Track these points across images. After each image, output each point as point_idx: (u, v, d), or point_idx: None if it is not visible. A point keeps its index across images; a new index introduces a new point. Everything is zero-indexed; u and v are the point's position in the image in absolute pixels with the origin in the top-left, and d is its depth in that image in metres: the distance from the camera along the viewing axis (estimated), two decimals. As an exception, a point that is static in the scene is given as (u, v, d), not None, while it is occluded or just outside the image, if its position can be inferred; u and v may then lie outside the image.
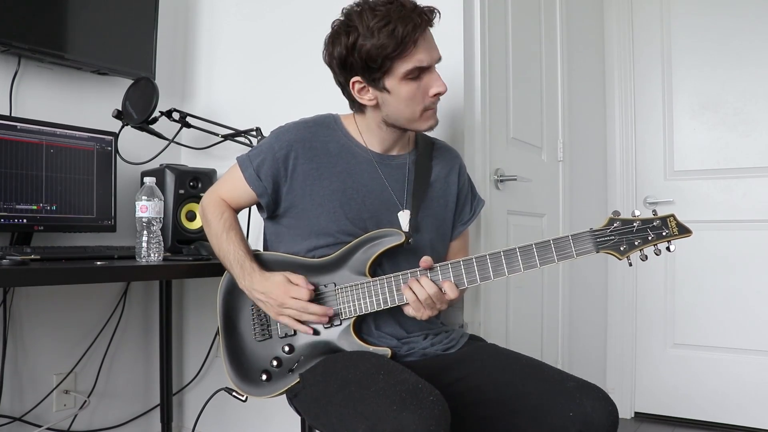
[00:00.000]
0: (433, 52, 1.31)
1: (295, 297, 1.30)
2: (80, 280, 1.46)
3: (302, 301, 1.30)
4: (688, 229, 1.19)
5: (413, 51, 1.27)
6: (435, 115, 1.38)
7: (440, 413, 1.04)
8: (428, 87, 1.31)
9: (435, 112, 1.37)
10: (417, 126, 1.37)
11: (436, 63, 1.32)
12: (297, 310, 1.31)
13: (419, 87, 1.31)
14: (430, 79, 1.31)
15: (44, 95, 2.02)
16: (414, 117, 1.35)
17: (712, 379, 2.74)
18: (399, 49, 1.25)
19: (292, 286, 1.31)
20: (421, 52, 1.28)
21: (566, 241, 1.21)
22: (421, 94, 1.32)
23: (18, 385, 1.96)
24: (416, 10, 1.27)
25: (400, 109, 1.33)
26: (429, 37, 1.30)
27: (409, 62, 1.27)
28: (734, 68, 2.74)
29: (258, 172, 1.40)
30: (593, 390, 1.18)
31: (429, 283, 1.25)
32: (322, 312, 1.31)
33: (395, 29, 1.24)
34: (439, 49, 1.34)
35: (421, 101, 1.32)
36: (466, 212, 1.54)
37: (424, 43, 1.28)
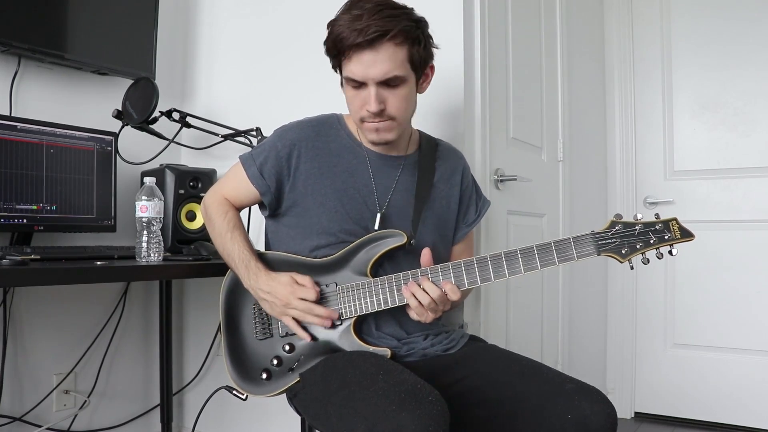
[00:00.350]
0: (371, 70, 1.25)
1: (302, 297, 1.30)
2: (80, 280, 1.46)
3: (308, 302, 1.30)
4: (691, 233, 1.19)
5: (346, 61, 1.27)
6: (377, 131, 1.34)
7: (439, 413, 1.04)
8: (364, 101, 1.30)
9: (376, 128, 1.33)
10: (364, 134, 1.39)
11: (377, 80, 1.27)
12: (302, 311, 1.31)
13: (358, 96, 1.31)
14: (366, 94, 1.29)
15: (44, 95, 2.02)
16: (357, 123, 1.37)
17: (712, 379, 2.74)
18: (334, 53, 1.29)
19: (299, 286, 1.31)
20: (355, 65, 1.26)
21: (567, 244, 1.21)
22: (359, 104, 1.31)
23: (18, 385, 1.96)
24: (363, 25, 1.23)
25: (348, 109, 1.36)
26: (373, 53, 1.24)
27: (345, 69, 1.29)
28: (734, 68, 2.74)
29: (261, 171, 1.40)
30: (592, 393, 1.17)
31: (431, 287, 1.25)
32: (327, 314, 1.31)
33: (341, 32, 1.25)
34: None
35: (358, 111, 1.33)
36: (471, 213, 1.54)
37: (361, 58, 1.25)
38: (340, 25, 1.26)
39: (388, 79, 1.27)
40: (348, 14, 1.26)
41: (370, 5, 1.25)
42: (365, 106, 1.30)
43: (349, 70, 1.28)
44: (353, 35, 1.23)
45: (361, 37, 1.23)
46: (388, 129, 1.34)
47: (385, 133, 1.35)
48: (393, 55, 1.26)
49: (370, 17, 1.23)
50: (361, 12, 1.24)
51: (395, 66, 1.27)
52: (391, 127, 1.34)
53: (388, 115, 1.32)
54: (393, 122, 1.33)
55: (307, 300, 1.30)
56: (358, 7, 1.25)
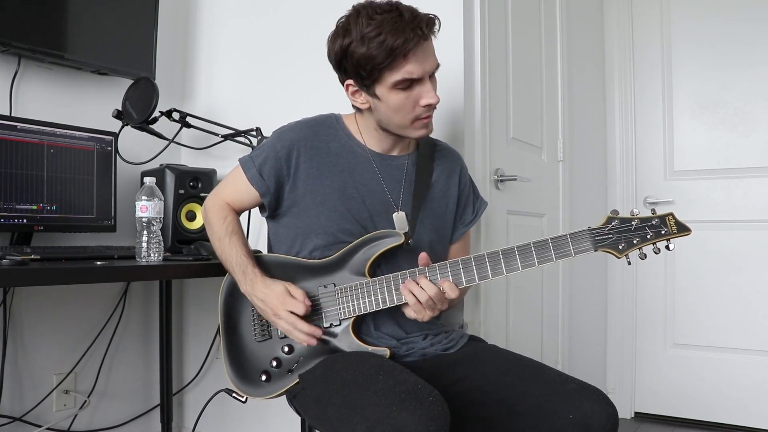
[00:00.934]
0: (426, 64, 1.27)
1: (290, 310, 1.30)
2: (80, 280, 1.46)
3: (294, 317, 1.30)
4: (687, 228, 1.19)
5: (403, 63, 1.25)
6: (428, 124, 1.36)
7: (439, 414, 1.04)
8: (419, 97, 1.30)
9: (428, 121, 1.35)
10: (408, 133, 1.37)
11: (430, 73, 1.30)
12: (288, 324, 1.31)
13: (409, 97, 1.29)
14: (422, 90, 1.29)
15: (44, 95, 2.03)
16: (404, 125, 1.35)
17: (712, 378, 2.74)
18: (388, 61, 1.24)
19: (290, 298, 1.31)
20: (412, 64, 1.25)
21: (564, 240, 1.21)
22: (411, 104, 1.30)
23: (18, 385, 1.96)
24: (412, 23, 1.23)
25: (390, 116, 1.33)
26: (424, 48, 1.26)
27: (398, 73, 1.26)
28: (734, 68, 2.74)
29: (261, 172, 1.40)
30: (593, 392, 1.17)
31: (428, 284, 1.25)
32: (310, 332, 1.30)
33: (385, 41, 1.22)
34: (437, 56, 1.32)
35: (411, 111, 1.31)
36: (468, 213, 1.54)
37: (416, 56, 1.25)
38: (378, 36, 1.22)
39: (436, 68, 1.31)
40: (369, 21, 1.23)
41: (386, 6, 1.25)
42: (422, 101, 1.30)
43: (405, 71, 1.26)
44: (410, 36, 1.22)
45: (421, 35, 1.24)
46: (432, 119, 1.37)
47: (431, 123, 1.37)
48: (432, 45, 1.31)
49: (411, 16, 1.24)
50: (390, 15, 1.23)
51: (436, 55, 1.32)
52: (432, 116, 1.37)
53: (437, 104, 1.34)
54: (434, 110, 1.36)
55: (296, 313, 1.30)
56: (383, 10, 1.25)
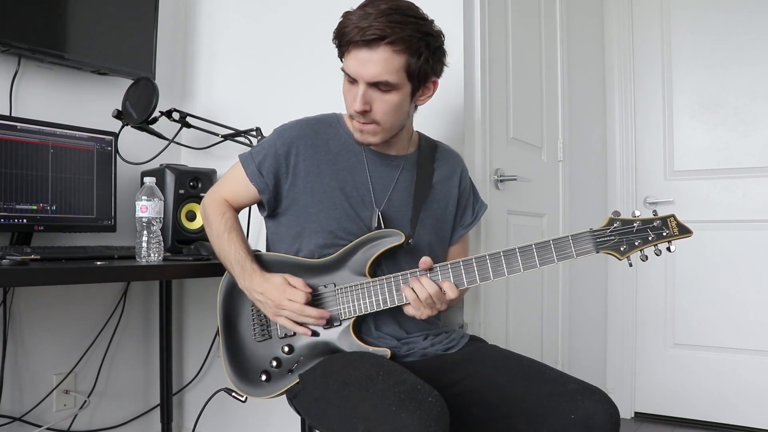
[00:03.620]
0: (363, 70, 1.25)
1: (291, 299, 1.30)
2: (80, 280, 1.46)
3: (299, 304, 1.30)
4: (689, 230, 1.19)
5: (347, 54, 1.28)
6: (361, 132, 1.34)
7: (439, 414, 1.04)
8: (354, 98, 1.30)
9: (360, 129, 1.34)
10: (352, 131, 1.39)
11: (367, 81, 1.26)
12: (294, 313, 1.31)
13: (349, 90, 1.32)
14: (355, 93, 1.29)
15: (44, 95, 2.02)
16: (349, 118, 1.37)
17: (711, 379, 2.74)
18: (339, 45, 1.30)
19: (290, 288, 1.31)
20: (350, 60, 1.27)
21: (566, 242, 1.21)
22: (350, 99, 1.32)
23: (18, 385, 1.96)
24: (366, 23, 1.23)
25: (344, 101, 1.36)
26: (369, 54, 1.24)
27: (344, 62, 1.30)
28: (734, 68, 2.74)
29: (260, 169, 1.40)
30: (595, 392, 1.17)
31: (429, 283, 1.25)
32: (318, 315, 1.30)
33: (347, 25, 1.26)
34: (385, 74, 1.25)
35: (349, 105, 1.34)
36: (468, 216, 1.54)
37: (355, 56, 1.25)
38: (349, 18, 1.27)
39: (378, 82, 1.27)
40: (361, 10, 1.26)
41: (384, 6, 1.24)
42: (353, 103, 1.30)
43: (345, 64, 1.30)
44: (354, 32, 1.24)
45: (359, 36, 1.23)
46: (372, 132, 1.34)
47: (368, 135, 1.35)
48: (388, 60, 1.25)
49: (377, 18, 1.23)
50: (372, 11, 1.24)
51: (387, 71, 1.25)
52: (374, 131, 1.34)
53: (372, 118, 1.31)
54: (377, 126, 1.33)
55: (298, 302, 1.30)
56: (374, 6, 1.25)
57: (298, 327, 1.33)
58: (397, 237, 1.33)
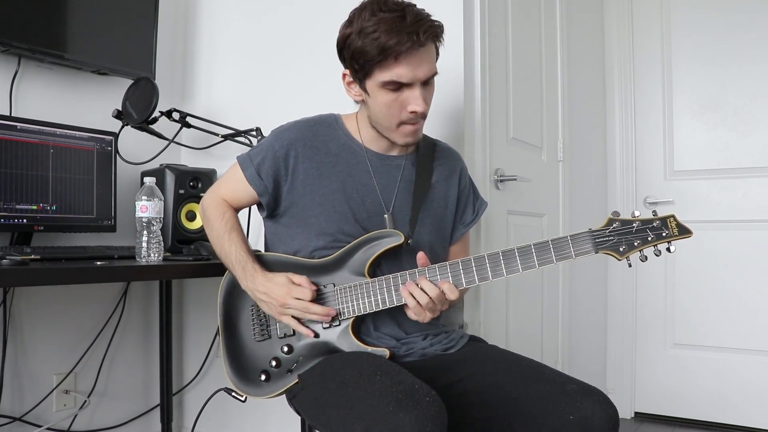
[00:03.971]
0: (419, 70, 1.26)
1: (297, 297, 1.30)
2: (80, 280, 1.46)
3: (304, 302, 1.30)
4: (689, 230, 1.19)
5: (393, 64, 1.24)
6: (414, 133, 1.35)
7: (436, 414, 1.04)
8: (406, 102, 1.29)
9: (415, 129, 1.34)
10: (393, 137, 1.37)
11: (423, 80, 1.28)
12: (299, 311, 1.31)
13: (397, 99, 1.29)
14: (411, 95, 1.28)
15: (44, 95, 2.02)
16: (390, 127, 1.34)
17: (711, 379, 2.74)
18: (379, 59, 1.24)
19: (295, 286, 1.31)
20: (402, 68, 1.25)
21: (565, 242, 1.21)
22: (398, 107, 1.30)
23: (18, 385, 1.96)
24: (411, 27, 1.22)
25: (377, 114, 1.34)
26: (419, 54, 1.25)
27: (387, 73, 1.26)
28: (734, 68, 2.74)
29: (259, 171, 1.40)
30: (594, 393, 1.17)
31: (429, 286, 1.24)
32: (325, 312, 1.31)
33: (379, 38, 1.22)
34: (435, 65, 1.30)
35: (397, 114, 1.31)
36: (469, 214, 1.54)
37: (408, 60, 1.24)
38: (374, 32, 1.23)
39: (430, 77, 1.30)
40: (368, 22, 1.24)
41: (393, 5, 1.25)
42: (408, 107, 1.29)
43: (393, 73, 1.26)
44: (404, 39, 1.21)
45: (413, 39, 1.22)
46: (421, 128, 1.37)
47: (419, 132, 1.38)
48: (432, 53, 1.30)
49: (414, 19, 1.23)
50: (395, 14, 1.23)
51: (434, 64, 1.30)
52: (422, 126, 1.37)
53: (423, 114, 1.33)
54: (423, 121, 1.35)
55: (303, 299, 1.30)
56: (385, 8, 1.24)
57: (301, 327, 1.33)
58: (396, 237, 1.33)
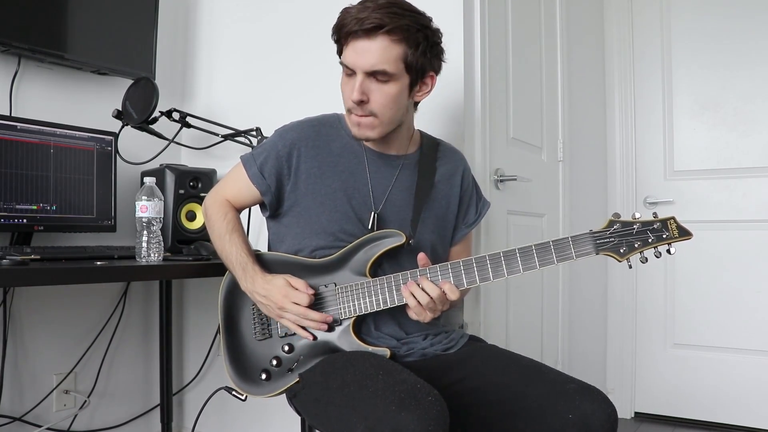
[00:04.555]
0: (360, 59, 1.27)
1: (295, 302, 1.30)
2: (80, 280, 1.46)
3: (301, 307, 1.30)
4: (689, 232, 1.19)
5: (345, 46, 1.30)
6: (358, 125, 1.34)
7: (439, 413, 1.04)
8: (352, 90, 1.30)
9: (358, 122, 1.33)
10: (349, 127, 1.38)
11: (364, 71, 1.27)
12: (296, 316, 1.31)
13: (347, 83, 1.33)
14: (353, 83, 1.30)
15: (44, 95, 2.02)
16: (347, 115, 1.37)
17: (712, 378, 2.74)
18: (335, 37, 1.32)
19: (293, 290, 1.31)
20: (349, 51, 1.29)
21: (566, 243, 1.21)
22: (348, 93, 1.33)
23: (18, 385, 1.96)
24: (363, 15, 1.24)
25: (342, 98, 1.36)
26: (365, 44, 1.26)
27: (342, 55, 1.32)
28: (734, 68, 2.74)
29: (261, 170, 1.40)
30: (593, 392, 1.17)
31: (430, 286, 1.25)
32: (321, 319, 1.31)
33: (345, 18, 1.28)
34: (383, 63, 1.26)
35: (346, 98, 1.34)
36: (471, 214, 1.54)
37: (354, 47, 1.27)
38: (348, 12, 1.28)
39: (376, 71, 1.27)
40: (360, 5, 1.28)
41: (383, 0, 1.26)
42: (351, 94, 1.31)
43: (344, 56, 1.31)
44: (353, 23, 1.26)
45: (358, 26, 1.25)
46: (370, 126, 1.33)
47: (365, 129, 1.34)
48: (386, 49, 1.26)
49: (375, 10, 1.25)
50: (371, 5, 1.26)
51: (385, 60, 1.27)
52: (372, 125, 1.33)
53: (370, 110, 1.31)
54: (375, 119, 1.32)
55: (301, 305, 1.30)
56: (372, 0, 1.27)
57: (301, 330, 1.34)
58: (397, 237, 1.33)
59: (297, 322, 1.32)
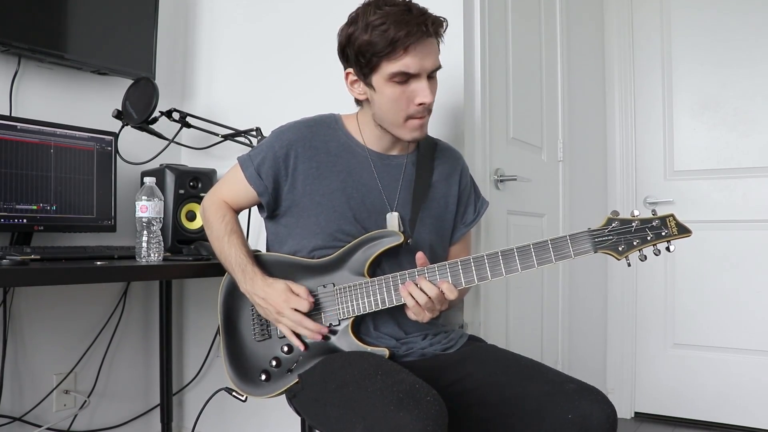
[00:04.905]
0: (426, 61, 1.28)
1: (294, 308, 1.30)
2: (80, 280, 1.46)
3: (299, 314, 1.30)
4: (688, 229, 1.19)
5: (402, 55, 1.26)
6: (421, 127, 1.35)
7: (437, 413, 1.04)
8: (414, 95, 1.30)
9: (422, 122, 1.34)
10: (400, 133, 1.36)
11: (428, 72, 1.30)
12: (293, 322, 1.31)
13: (404, 92, 1.30)
14: (418, 87, 1.29)
15: (44, 95, 2.02)
16: (397, 122, 1.34)
17: (711, 379, 2.74)
18: (387, 50, 1.25)
19: (293, 296, 1.31)
20: (410, 58, 1.26)
21: (564, 242, 1.21)
22: (406, 100, 1.30)
23: (18, 385, 1.96)
24: (419, 19, 1.25)
25: (384, 110, 1.34)
26: (426, 45, 1.27)
27: (395, 65, 1.27)
28: (734, 67, 2.74)
29: (259, 171, 1.40)
30: (592, 392, 1.17)
31: (428, 286, 1.24)
32: (316, 329, 1.31)
33: (387, 30, 1.24)
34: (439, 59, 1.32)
35: (405, 107, 1.31)
36: (470, 213, 1.54)
37: (416, 50, 1.26)
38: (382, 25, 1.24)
39: (435, 68, 1.31)
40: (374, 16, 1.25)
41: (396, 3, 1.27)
42: (416, 99, 1.30)
43: (402, 64, 1.27)
44: (414, 30, 1.24)
45: (424, 33, 1.25)
46: (427, 123, 1.37)
47: (425, 127, 1.37)
48: (436, 47, 1.32)
49: (418, 12, 1.26)
50: (399, 8, 1.26)
51: (438, 57, 1.32)
52: (428, 122, 1.37)
53: (429, 109, 1.34)
54: (429, 116, 1.36)
55: (300, 311, 1.30)
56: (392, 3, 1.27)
57: (294, 338, 1.34)
58: (396, 237, 1.33)
59: (293, 328, 1.32)
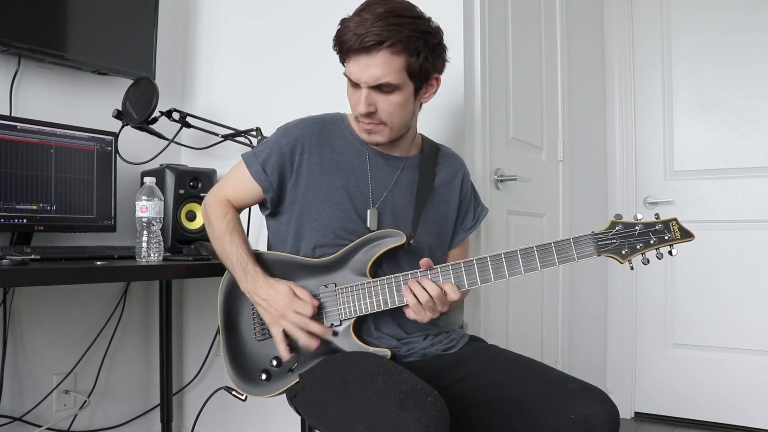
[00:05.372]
0: (363, 75, 1.27)
1: (298, 312, 1.30)
2: (80, 280, 1.46)
3: (305, 318, 1.30)
4: (691, 234, 1.19)
5: (347, 60, 1.30)
6: (368, 133, 1.36)
7: (439, 414, 1.04)
8: (358, 101, 1.31)
9: (367, 130, 1.35)
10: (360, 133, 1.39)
11: (368, 84, 1.28)
12: (297, 325, 1.30)
13: (353, 94, 1.33)
14: (358, 95, 1.31)
15: (44, 95, 2.02)
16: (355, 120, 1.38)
17: (711, 379, 2.74)
18: (339, 52, 1.32)
19: (297, 299, 1.31)
20: (352, 66, 1.29)
21: (567, 244, 1.21)
22: (354, 102, 1.33)
23: (18, 385, 1.96)
24: (363, 30, 1.24)
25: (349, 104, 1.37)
26: (366, 59, 1.26)
27: (345, 67, 1.32)
28: (734, 68, 2.74)
29: (264, 167, 1.40)
30: (594, 392, 1.17)
31: (430, 284, 1.25)
32: (322, 331, 1.31)
33: (345, 33, 1.27)
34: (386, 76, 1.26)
35: (354, 108, 1.35)
36: (469, 219, 1.54)
37: (356, 61, 1.28)
38: (347, 26, 1.28)
39: (380, 84, 1.28)
40: (357, 17, 1.27)
41: (380, 10, 1.25)
42: (358, 105, 1.32)
43: (347, 69, 1.31)
44: (353, 39, 1.25)
45: (358, 43, 1.25)
46: (379, 132, 1.36)
47: (375, 135, 1.36)
48: (387, 62, 1.26)
49: (373, 23, 1.24)
50: (368, 16, 1.25)
51: (388, 73, 1.27)
52: (382, 131, 1.36)
53: (379, 119, 1.33)
54: (384, 126, 1.35)
55: (304, 315, 1.30)
56: (369, 10, 1.26)
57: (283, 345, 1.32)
58: (398, 237, 1.33)
59: (294, 331, 1.31)
